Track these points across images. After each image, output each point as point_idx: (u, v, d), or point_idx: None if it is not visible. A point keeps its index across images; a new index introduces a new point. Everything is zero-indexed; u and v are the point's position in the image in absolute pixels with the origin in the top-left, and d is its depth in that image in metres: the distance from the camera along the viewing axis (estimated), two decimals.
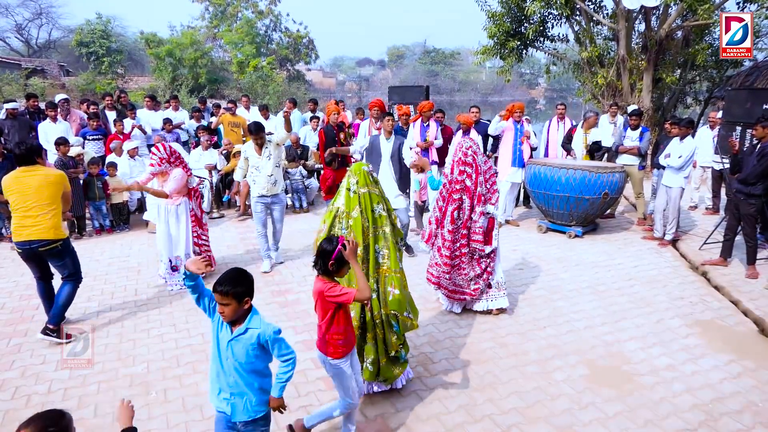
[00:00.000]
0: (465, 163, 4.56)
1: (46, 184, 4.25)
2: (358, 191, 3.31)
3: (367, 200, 3.31)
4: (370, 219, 3.32)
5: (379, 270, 3.36)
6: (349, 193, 3.33)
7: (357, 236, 3.22)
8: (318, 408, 3.22)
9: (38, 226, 4.21)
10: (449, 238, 4.62)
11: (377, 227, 3.35)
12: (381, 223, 3.36)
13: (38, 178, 4.25)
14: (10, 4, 30.46)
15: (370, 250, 3.31)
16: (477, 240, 4.60)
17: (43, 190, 4.23)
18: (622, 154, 7.66)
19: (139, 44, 29.31)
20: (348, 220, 3.31)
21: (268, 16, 28.77)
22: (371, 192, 3.35)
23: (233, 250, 6.78)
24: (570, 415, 3.36)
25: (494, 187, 4.69)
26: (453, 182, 4.61)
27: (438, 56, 57.35)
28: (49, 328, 4.26)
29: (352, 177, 3.36)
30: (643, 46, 11.74)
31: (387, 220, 3.40)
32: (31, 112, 8.72)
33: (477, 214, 4.56)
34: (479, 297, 4.78)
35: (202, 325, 4.64)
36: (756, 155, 5.43)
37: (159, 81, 23.17)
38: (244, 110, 10.36)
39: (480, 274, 4.70)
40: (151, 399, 3.56)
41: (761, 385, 3.69)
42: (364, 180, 3.35)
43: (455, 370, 3.91)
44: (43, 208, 4.22)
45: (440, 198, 4.76)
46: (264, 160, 5.74)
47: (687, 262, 6.30)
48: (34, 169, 4.27)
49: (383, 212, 3.38)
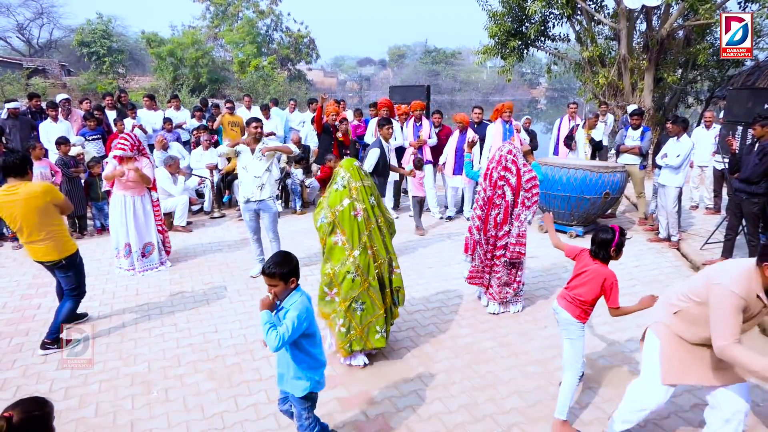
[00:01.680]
0: (506, 168, 4.56)
1: (31, 207, 3.94)
2: (355, 185, 3.74)
3: (363, 192, 3.75)
4: (369, 209, 3.76)
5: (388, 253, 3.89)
6: (336, 188, 3.76)
7: (360, 227, 3.72)
8: (558, 400, 3.20)
9: (38, 251, 4.08)
10: (492, 242, 4.68)
11: (375, 216, 3.82)
12: (377, 212, 3.83)
13: (22, 201, 3.92)
14: (11, 4, 30.60)
15: (375, 235, 3.79)
16: (520, 244, 4.62)
17: (30, 215, 3.96)
18: (624, 154, 7.66)
19: (140, 44, 29.34)
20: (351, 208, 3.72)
21: (269, 15, 28.81)
22: (364, 185, 3.78)
23: (234, 249, 6.79)
24: (571, 415, 3.36)
25: (534, 191, 4.66)
26: (494, 187, 4.60)
27: (439, 56, 57.30)
28: (47, 342, 4.17)
29: (343, 173, 3.78)
30: (644, 45, 11.72)
31: (379, 210, 3.87)
32: (33, 112, 8.73)
33: (519, 219, 4.59)
34: (500, 301, 4.81)
35: (203, 325, 4.65)
36: (756, 154, 5.41)
37: (160, 81, 23.22)
38: (245, 110, 10.38)
39: (510, 283, 4.76)
40: (152, 398, 3.56)
41: (762, 385, 3.70)
42: (358, 175, 3.78)
43: (456, 369, 3.91)
44: (36, 233, 4.01)
45: (479, 207, 4.77)
46: (254, 160, 5.48)
47: (688, 262, 6.29)
48: (16, 188, 3.94)
49: (375, 203, 3.83)
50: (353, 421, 3.31)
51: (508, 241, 4.64)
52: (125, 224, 5.80)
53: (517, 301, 4.91)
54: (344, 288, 3.70)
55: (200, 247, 6.89)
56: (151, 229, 5.98)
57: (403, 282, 4.00)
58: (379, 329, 3.83)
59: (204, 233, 7.57)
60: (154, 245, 6.02)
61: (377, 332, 3.82)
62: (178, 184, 7.75)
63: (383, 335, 3.86)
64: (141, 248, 5.90)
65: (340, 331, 3.77)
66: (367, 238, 3.70)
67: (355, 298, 3.71)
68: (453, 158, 7.78)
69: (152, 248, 6.01)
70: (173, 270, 6.07)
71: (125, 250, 5.87)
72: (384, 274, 3.82)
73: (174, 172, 7.67)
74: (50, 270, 4.33)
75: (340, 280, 3.72)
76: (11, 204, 3.95)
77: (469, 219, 8.07)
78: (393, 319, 4.05)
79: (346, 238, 3.68)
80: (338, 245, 3.70)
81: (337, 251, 3.72)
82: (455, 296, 5.26)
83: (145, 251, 5.96)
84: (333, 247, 3.73)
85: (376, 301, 3.77)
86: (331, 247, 3.74)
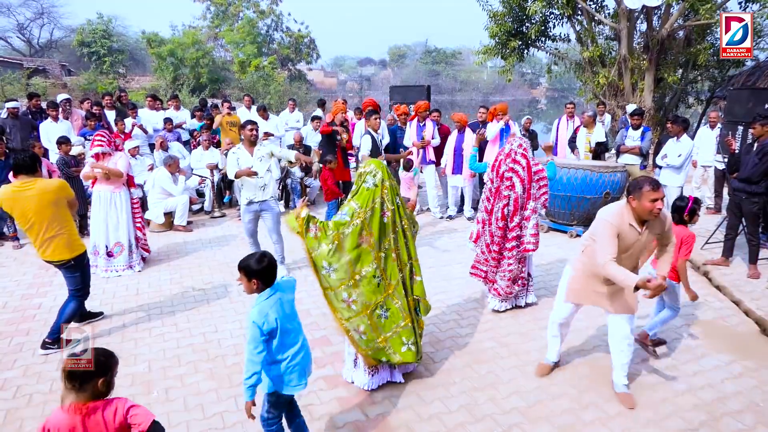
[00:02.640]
0: (515, 161, 4.59)
1: (45, 202, 3.97)
2: (386, 183, 3.42)
3: (392, 192, 3.45)
4: (396, 210, 3.46)
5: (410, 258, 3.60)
6: (368, 186, 3.42)
7: (386, 227, 3.44)
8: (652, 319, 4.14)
9: (48, 249, 4.06)
10: (499, 234, 4.67)
11: (401, 218, 3.51)
12: (402, 213, 3.53)
13: (36, 197, 3.94)
14: (11, 4, 30.57)
15: (399, 238, 3.50)
16: (532, 242, 4.66)
17: (43, 210, 3.97)
18: (624, 154, 7.66)
19: (140, 44, 29.34)
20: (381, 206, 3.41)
21: (269, 15, 28.82)
22: (392, 185, 3.49)
23: (234, 249, 6.78)
24: (571, 415, 3.36)
25: (543, 183, 4.72)
26: (501, 179, 4.64)
27: (439, 56, 57.27)
28: (48, 342, 4.17)
29: (377, 172, 3.42)
30: (644, 45, 11.72)
31: (404, 211, 3.57)
32: (33, 112, 8.74)
33: (529, 211, 4.63)
34: (506, 297, 4.81)
35: (203, 325, 4.65)
36: (756, 153, 5.40)
37: (160, 81, 23.22)
38: (245, 110, 10.37)
39: (518, 278, 4.77)
40: (152, 398, 3.56)
41: (762, 385, 3.69)
42: (387, 174, 3.48)
43: (456, 369, 3.91)
44: (48, 229, 4.01)
45: (485, 199, 4.84)
46: (255, 162, 5.48)
47: (688, 262, 6.29)
48: (31, 183, 3.97)
49: (400, 204, 3.53)
50: (353, 421, 3.31)
51: (519, 233, 4.65)
52: (97, 221, 5.74)
53: (526, 294, 4.96)
54: (366, 292, 3.37)
55: (200, 247, 6.89)
56: (121, 229, 5.80)
57: (424, 292, 3.67)
58: (405, 340, 3.52)
59: (204, 233, 7.57)
60: (124, 246, 5.84)
61: (404, 344, 3.52)
62: (178, 183, 7.75)
63: (410, 348, 3.54)
64: (109, 248, 5.79)
65: (361, 338, 3.45)
66: (392, 241, 3.45)
67: (380, 304, 3.44)
68: (453, 158, 7.79)
69: (121, 249, 5.84)
70: (173, 270, 6.07)
71: (93, 248, 5.77)
72: (406, 281, 3.56)
73: (174, 171, 7.67)
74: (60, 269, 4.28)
75: (363, 284, 3.38)
76: (25, 199, 3.95)
77: (468, 219, 8.10)
78: (420, 329, 3.73)
79: (374, 240, 3.36)
80: (363, 246, 3.34)
81: (364, 254, 3.35)
82: (455, 296, 5.25)
83: (114, 251, 5.82)
84: (357, 249, 3.34)
85: (403, 308, 3.50)
86: (353, 247, 3.33)
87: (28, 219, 3.99)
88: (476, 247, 5.00)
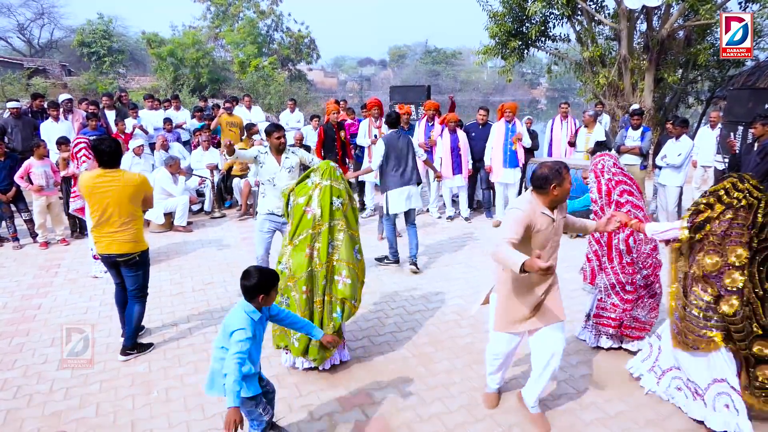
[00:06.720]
0: (622, 182, 4.07)
1: (127, 195, 3.89)
2: (321, 183, 3.62)
3: (327, 192, 3.59)
4: (327, 210, 3.58)
5: (329, 258, 3.61)
6: (307, 183, 3.70)
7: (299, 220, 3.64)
8: None
9: (118, 241, 3.93)
10: (629, 270, 3.95)
11: (333, 219, 3.61)
12: (338, 215, 3.63)
13: (119, 188, 3.86)
14: (12, 4, 30.52)
15: (322, 237, 3.58)
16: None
17: (124, 202, 3.89)
18: (624, 154, 7.65)
19: (140, 44, 29.31)
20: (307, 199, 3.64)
21: (269, 16, 28.79)
22: (333, 185, 3.62)
23: (234, 249, 6.79)
24: (571, 415, 3.37)
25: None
26: (614, 205, 3.99)
27: (439, 56, 57.27)
28: (127, 348, 4.11)
29: (317, 171, 3.70)
30: (644, 45, 11.73)
31: (342, 214, 3.65)
32: (36, 112, 8.77)
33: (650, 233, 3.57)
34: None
35: (203, 325, 4.65)
36: (757, 153, 5.40)
37: (160, 81, 23.19)
38: (245, 110, 10.38)
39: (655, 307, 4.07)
40: (152, 398, 3.56)
41: None
42: (329, 174, 3.65)
43: (456, 369, 3.91)
44: (123, 221, 3.92)
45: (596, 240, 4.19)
46: (283, 172, 4.71)
47: None
48: (116, 175, 3.89)
49: (340, 206, 3.63)
50: (353, 421, 3.31)
51: (651, 261, 4.00)
52: None
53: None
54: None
55: (200, 247, 6.89)
56: None
57: (354, 295, 3.65)
58: (293, 334, 3.62)
59: (204, 233, 7.57)
60: None
61: (292, 335, 3.63)
62: (178, 184, 7.76)
63: (293, 343, 3.64)
64: (91, 249, 5.59)
65: None
66: (309, 237, 3.56)
67: (281, 291, 3.57)
68: (449, 158, 7.72)
69: None
70: (173, 270, 6.07)
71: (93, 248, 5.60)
72: (317, 280, 3.57)
73: (174, 172, 7.68)
74: (115, 269, 4.12)
75: (276, 267, 3.70)
76: (108, 190, 3.85)
77: (467, 220, 8.08)
78: (334, 329, 3.64)
79: (289, 229, 3.70)
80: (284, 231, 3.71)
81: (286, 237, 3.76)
82: (455, 296, 5.25)
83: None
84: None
85: (300, 303, 3.57)
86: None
87: (104, 209, 3.88)
88: (593, 288, 4.23)
